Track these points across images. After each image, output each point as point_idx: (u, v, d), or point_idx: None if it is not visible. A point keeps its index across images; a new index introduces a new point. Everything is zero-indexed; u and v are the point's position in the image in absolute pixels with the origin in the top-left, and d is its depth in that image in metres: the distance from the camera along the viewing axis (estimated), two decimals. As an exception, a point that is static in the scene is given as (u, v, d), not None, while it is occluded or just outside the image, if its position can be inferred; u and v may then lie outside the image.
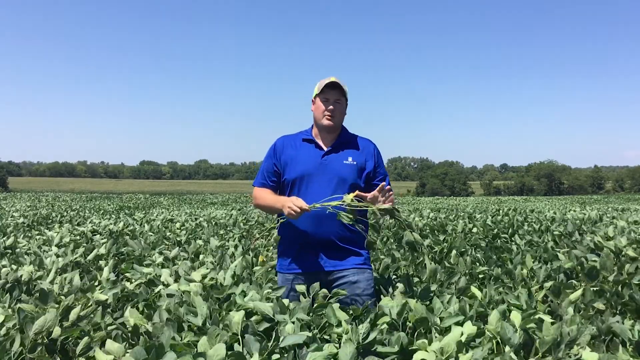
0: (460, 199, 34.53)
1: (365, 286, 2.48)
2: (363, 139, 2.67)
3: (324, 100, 2.53)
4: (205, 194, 41.22)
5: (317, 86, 2.57)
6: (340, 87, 2.51)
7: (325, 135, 2.59)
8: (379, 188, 2.31)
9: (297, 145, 2.61)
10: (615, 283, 2.75)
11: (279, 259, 2.62)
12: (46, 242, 4.95)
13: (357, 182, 2.53)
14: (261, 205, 2.63)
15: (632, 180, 77.17)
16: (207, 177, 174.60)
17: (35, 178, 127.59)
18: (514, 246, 4.55)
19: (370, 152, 2.62)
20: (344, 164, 2.53)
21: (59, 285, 2.74)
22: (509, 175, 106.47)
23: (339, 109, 2.55)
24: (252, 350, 1.57)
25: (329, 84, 2.50)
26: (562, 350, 1.67)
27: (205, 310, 1.88)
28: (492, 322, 1.76)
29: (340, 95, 2.55)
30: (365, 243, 2.39)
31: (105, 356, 1.60)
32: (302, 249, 2.49)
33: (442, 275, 3.12)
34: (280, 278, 2.59)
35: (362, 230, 2.38)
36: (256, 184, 2.68)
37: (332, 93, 2.53)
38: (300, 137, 2.64)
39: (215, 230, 6.31)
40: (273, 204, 2.52)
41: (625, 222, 6.02)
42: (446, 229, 5.95)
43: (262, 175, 2.65)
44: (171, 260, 3.67)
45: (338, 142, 2.59)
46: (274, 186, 2.63)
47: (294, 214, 2.30)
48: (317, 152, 2.56)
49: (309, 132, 2.65)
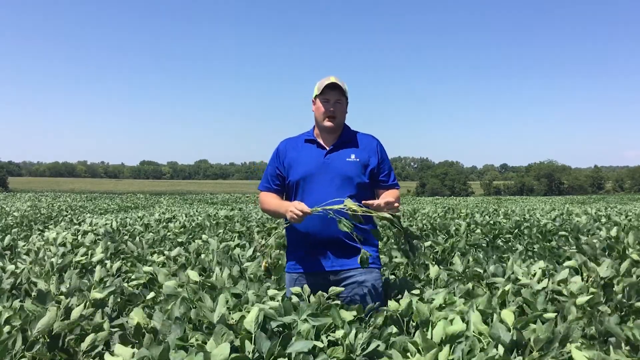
0: (460, 199, 34.56)
1: (373, 286, 2.45)
2: (366, 136, 2.66)
3: (325, 101, 2.52)
4: (205, 194, 41.24)
5: (317, 87, 2.55)
6: (340, 87, 2.50)
7: (327, 135, 2.57)
8: (385, 201, 2.28)
9: (299, 147, 2.60)
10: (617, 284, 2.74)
11: (288, 259, 2.61)
12: (46, 242, 4.94)
13: (362, 179, 2.50)
14: (267, 209, 2.65)
15: (632, 180, 77.21)
16: (207, 177, 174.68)
17: (35, 178, 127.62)
18: (518, 245, 4.53)
19: (373, 148, 2.60)
20: (346, 162, 2.51)
21: (55, 285, 2.73)
22: (509, 175, 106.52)
23: (339, 109, 2.54)
24: (263, 349, 1.56)
25: (328, 84, 2.49)
26: (555, 348, 1.67)
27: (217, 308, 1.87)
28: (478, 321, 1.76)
29: (341, 95, 2.53)
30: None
31: (115, 359, 1.59)
32: (310, 249, 2.48)
33: (443, 275, 3.11)
34: (287, 278, 2.58)
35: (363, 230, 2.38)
36: (261, 188, 2.69)
37: (332, 94, 2.51)
38: (302, 139, 2.63)
39: (216, 230, 6.30)
40: (277, 209, 2.53)
41: (627, 222, 6.01)
42: (448, 229, 5.94)
43: (266, 179, 2.67)
44: (172, 259, 3.66)
45: (340, 140, 2.57)
46: (279, 190, 2.63)
47: (296, 218, 2.30)
48: (319, 152, 2.55)
49: (311, 132, 2.64)
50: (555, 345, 1.68)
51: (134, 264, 3.60)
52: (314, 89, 2.59)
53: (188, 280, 2.66)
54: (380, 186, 2.59)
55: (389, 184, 2.60)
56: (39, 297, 2.26)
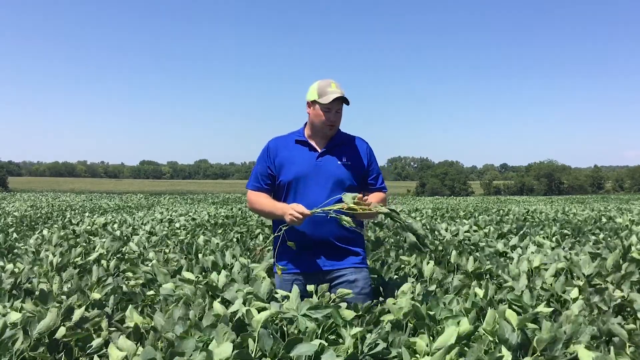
0: (460, 199, 34.58)
1: (364, 285, 2.50)
2: (356, 139, 2.67)
3: (326, 110, 2.48)
4: (205, 193, 41.25)
5: (317, 92, 2.48)
6: (343, 97, 2.47)
7: (320, 138, 2.57)
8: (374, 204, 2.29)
9: (290, 147, 2.58)
10: (618, 284, 2.74)
11: (276, 260, 2.58)
12: (45, 242, 4.94)
13: (352, 182, 2.53)
14: (258, 210, 2.60)
15: (631, 180, 77.22)
16: (207, 177, 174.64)
17: (35, 178, 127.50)
18: (518, 245, 4.53)
19: (364, 151, 2.62)
20: (339, 165, 2.52)
21: (58, 285, 2.73)
22: (509, 175, 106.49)
23: (339, 118, 2.55)
24: (266, 347, 1.56)
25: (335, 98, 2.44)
26: (559, 349, 1.67)
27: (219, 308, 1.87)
28: (489, 322, 1.75)
29: (342, 103, 2.52)
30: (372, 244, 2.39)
31: (119, 352, 1.59)
32: (301, 250, 2.47)
33: (444, 275, 3.11)
34: (277, 279, 2.56)
35: (358, 229, 2.39)
36: (250, 187, 2.64)
37: (335, 103, 2.48)
38: (292, 139, 2.61)
39: (216, 229, 6.30)
40: (272, 210, 2.50)
41: (628, 221, 6.01)
42: (448, 229, 5.94)
43: (255, 178, 2.62)
44: (172, 259, 3.66)
45: (332, 143, 2.57)
46: (269, 189, 2.61)
47: (297, 221, 2.30)
48: (311, 154, 2.54)
49: (302, 133, 2.62)
50: (559, 347, 1.67)
51: (134, 264, 3.60)
52: (311, 90, 2.53)
53: (188, 280, 2.66)
54: (368, 189, 2.61)
55: (377, 187, 2.64)
56: (40, 297, 2.26)
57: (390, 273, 3.12)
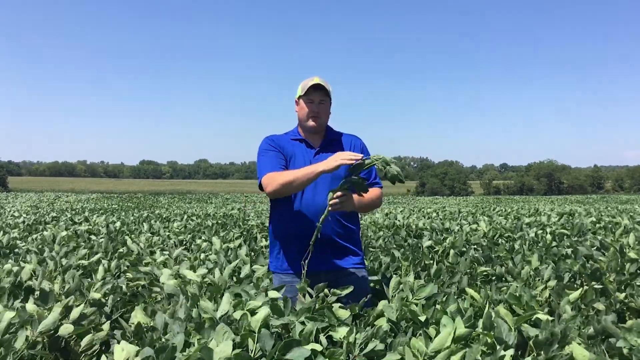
0: (460, 199, 34.56)
1: (362, 285, 2.51)
2: (350, 136, 2.68)
3: (309, 102, 2.51)
4: (205, 193, 41.21)
5: (301, 87, 2.53)
6: (324, 87, 2.48)
7: (312, 135, 2.58)
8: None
9: (288, 144, 2.58)
10: (618, 283, 2.75)
11: (274, 260, 2.57)
12: (46, 242, 4.95)
13: None
14: (290, 180, 2.30)
15: (631, 180, 77.13)
16: (207, 177, 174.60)
17: (35, 178, 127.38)
18: (516, 245, 4.54)
19: (359, 147, 2.63)
20: None
21: (60, 285, 2.74)
22: (509, 174, 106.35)
23: (323, 109, 2.54)
24: (266, 347, 1.57)
25: (313, 85, 2.47)
26: (554, 349, 1.68)
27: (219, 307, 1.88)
28: (485, 323, 1.76)
29: (325, 96, 2.53)
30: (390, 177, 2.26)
31: (121, 353, 1.60)
32: (300, 249, 2.44)
33: (444, 275, 3.12)
34: (276, 279, 2.55)
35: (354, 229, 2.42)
36: (268, 171, 2.42)
37: (317, 94, 2.50)
38: (288, 138, 2.61)
39: (216, 229, 6.31)
40: (309, 171, 2.26)
41: (628, 221, 6.02)
42: (448, 228, 5.95)
43: (271, 163, 2.45)
44: (173, 259, 3.67)
45: (326, 141, 2.59)
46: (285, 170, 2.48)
47: (349, 162, 2.16)
48: (309, 152, 2.56)
49: (296, 132, 2.63)
50: (555, 347, 1.68)
51: (134, 264, 3.61)
52: (298, 89, 2.57)
53: (189, 279, 2.67)
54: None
55: (371, 182, 2.62)
56: (41, 297, 2.27)
57: (388, 273, 3.13)
